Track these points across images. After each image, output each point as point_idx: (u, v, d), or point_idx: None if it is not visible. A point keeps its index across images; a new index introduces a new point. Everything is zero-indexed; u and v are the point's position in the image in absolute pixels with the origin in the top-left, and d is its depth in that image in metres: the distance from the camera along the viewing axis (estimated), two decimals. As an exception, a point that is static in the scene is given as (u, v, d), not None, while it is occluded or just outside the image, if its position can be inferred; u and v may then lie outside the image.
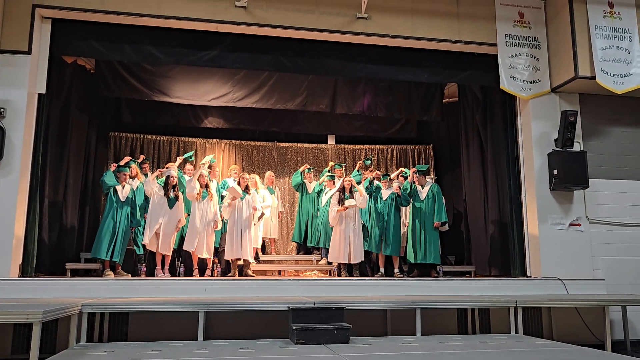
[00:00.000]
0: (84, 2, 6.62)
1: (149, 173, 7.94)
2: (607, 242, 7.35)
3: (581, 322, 6.70)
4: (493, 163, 8.40)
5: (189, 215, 7.62)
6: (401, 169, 8.93)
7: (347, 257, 7.73)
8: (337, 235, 7.80)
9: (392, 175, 8.58)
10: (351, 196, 7.82)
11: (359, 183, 8.15)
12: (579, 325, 6.70)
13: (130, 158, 7.82)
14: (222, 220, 7.74)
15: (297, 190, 9.35)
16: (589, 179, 7.24)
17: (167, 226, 7.35)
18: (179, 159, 8.07)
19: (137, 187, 7.44)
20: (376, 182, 8.22)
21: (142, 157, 8.49)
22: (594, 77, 7.13)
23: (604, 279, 7.08)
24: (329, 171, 9.05)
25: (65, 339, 5.17)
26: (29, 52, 6.44)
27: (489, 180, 8.52)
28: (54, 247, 7.41)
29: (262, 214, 8.07)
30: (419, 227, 8.04)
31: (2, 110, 6.22)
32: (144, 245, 7.41)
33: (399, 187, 8.12)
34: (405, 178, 8.56)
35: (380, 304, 5.77)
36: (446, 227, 8.51)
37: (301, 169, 9.23)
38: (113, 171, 7.30)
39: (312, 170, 9.54)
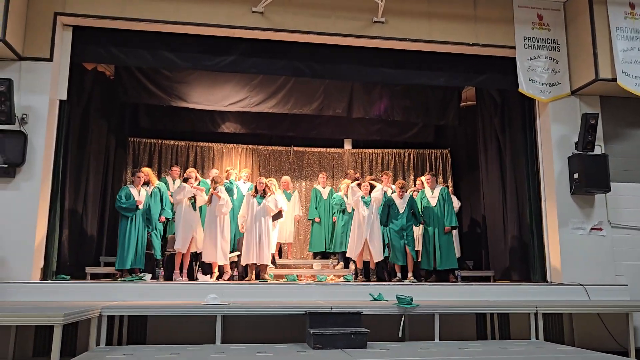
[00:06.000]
0: (104, 9, 6.73)
1: (178, 179, 7.98)
2: (630, 247, 7.19)
3: (603, 328, 6.57)
4: (512, 167, 8.31)
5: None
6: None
7: (360, 256, 7.85)
8: (355, 235, 7.92)
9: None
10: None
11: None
12: (601, 331, 6.57)
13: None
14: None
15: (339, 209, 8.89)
16: (611, 183, 7.11)
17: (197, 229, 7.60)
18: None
19: (151, 193, 7.53)
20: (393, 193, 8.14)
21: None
22: (615, 80, 7.01)
23: (627, 285, 6.93)
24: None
25: (85, 341, 5.23)
26: (50, 59, 6.56)
27: (508, 185, 8.42)
28: (74, 250, 7.51)
29: (280, 215, 8.04)
30: (431, 232, 7.98)
31: (24, 116, 6.33)
32: (162, 249, 7.54)
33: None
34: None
35: (397, 308, 5.73)
36: (455, 230, 8.40)
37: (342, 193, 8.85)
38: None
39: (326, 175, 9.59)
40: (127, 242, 7.10)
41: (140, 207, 7.28)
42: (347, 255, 8.19)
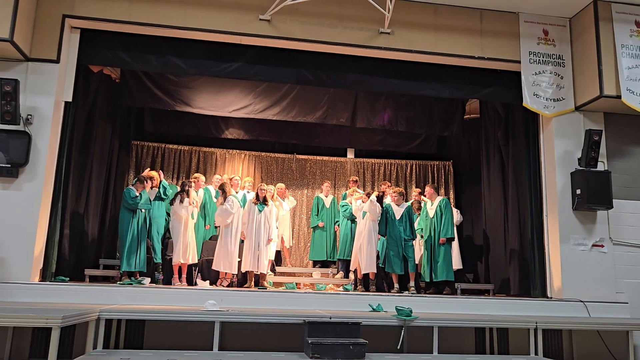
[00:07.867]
0: (112, 13, 6.76)
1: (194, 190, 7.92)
2: (632, 265, 7.16)
3: (603, 345, 6.52)
4: (514, 181, 8.30)
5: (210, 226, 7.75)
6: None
7: (358, 265, 7.93)
8: (355, 245, 8.09)
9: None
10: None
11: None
12: (601, 349, 6.52)
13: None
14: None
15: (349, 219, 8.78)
16: (613, 200, 7.09)
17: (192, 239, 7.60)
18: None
19: (155, 197, 7.52)
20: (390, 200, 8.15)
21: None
22: (619, 97, 7.02)
23: (627, 303, 6.90)
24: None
25: (82, 344, 5.21)
26: (57, 61, 6.58)
27: (510, 199, 8.40)
28: (74, 252, 7.49)
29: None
30: (429, 244, 7.96)
31: (29, 117, 6.35)
32: (162, 254, 7.52)
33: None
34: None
35: (397, 320, 5.70)
36: (454, 242, 8.36)
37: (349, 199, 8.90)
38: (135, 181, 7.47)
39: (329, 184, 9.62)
40: (135, 244, 7.11)
41: (143, 210, 7.29)
42: (350, 268, 8.22)
